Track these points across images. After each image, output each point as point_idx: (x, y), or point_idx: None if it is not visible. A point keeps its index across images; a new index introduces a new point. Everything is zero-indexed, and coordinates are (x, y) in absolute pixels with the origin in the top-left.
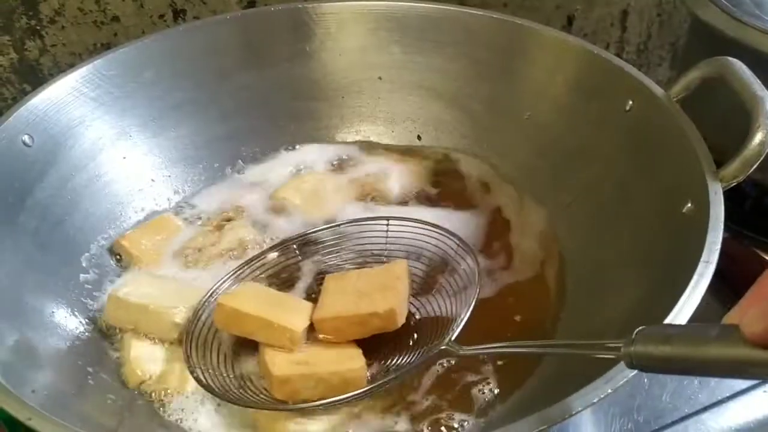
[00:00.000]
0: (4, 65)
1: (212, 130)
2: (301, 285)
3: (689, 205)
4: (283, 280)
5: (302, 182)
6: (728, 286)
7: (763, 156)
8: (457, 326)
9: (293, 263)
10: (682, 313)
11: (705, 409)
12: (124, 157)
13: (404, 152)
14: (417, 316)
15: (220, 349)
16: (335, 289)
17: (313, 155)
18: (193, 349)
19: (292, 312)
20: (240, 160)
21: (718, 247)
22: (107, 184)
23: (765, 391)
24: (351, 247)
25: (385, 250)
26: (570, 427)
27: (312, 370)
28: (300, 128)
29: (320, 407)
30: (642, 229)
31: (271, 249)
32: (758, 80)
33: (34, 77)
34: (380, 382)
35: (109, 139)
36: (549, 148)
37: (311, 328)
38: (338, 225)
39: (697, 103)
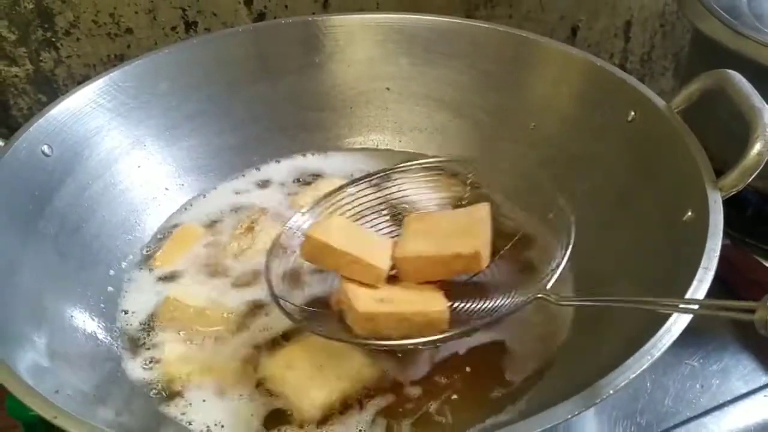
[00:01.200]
0: (20, 76)
1: (224, 139)
2: (380, 223)
3: (689, 213)
4: (360, 216)
5: (318, 191)
6: (729, 292)
7: (762, 165)
8: (553, 274)
9: (372, 200)
10: (682, 317)
11: (706, 412)
12: (139, 166)
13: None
14: (496, 263)
15: (300, 280)
16: (417, 229)
17: (320, 164)
18: (274, 281)
19: (376, 249)
20: (252, 168)
21: (717, 254)
22: (122, 193)
23: (766, 396)
24: (432, 187)
25: (466, 193)
26: (572, 429)
27: (396, 308)
28: (309, 137)
29: (408, 346)
30: (643, 237)
31: (350, 184)
32: (757, 92)
33: (49, 88)
34: (466, 328)
35: (125, 149)
36: (553, 157)
37: (390, 267)
38: (420, 163)
39: (698, 114)
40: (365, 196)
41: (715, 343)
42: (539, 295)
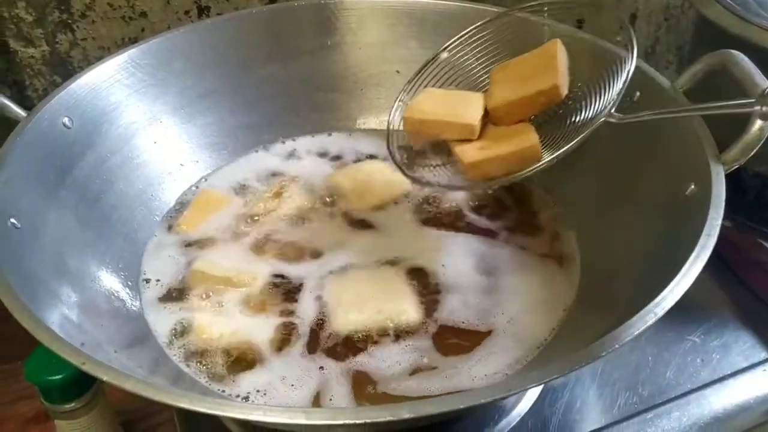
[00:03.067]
0: (36, 57)
1: (237, 118)
2: (471, 81)
3: (692, 187)
4: (454, 79)
5: (358, 171)
6: (731, 272)
7: (763, 140)
8: (617, 96)
9: (464, 63)
10: (686, 277)
11: (707, 385)
12: (155, 142)
13: None
14: (575, 95)
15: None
16: (501, 78)
17: (331, 144)
18: (396, 149)
19: (467, 107)
20: (262, 146)
21: (719, 222)
22: (139, 167)
23: (765, 370)
24: (505, 41)
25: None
26: (577, 400)
27: (495, 152)
28: (321, 118)
29: (506, 182)
30: (648, 211)
31: (443, 50)
32: (759, 71)
33: (64, 69)
34: (555, 154)
35: (142, 124)
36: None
37: (486, 115)
38: (490, 19)
39: (701, 96)
40: (459, 61)
41: (716, 319)
42: (603, 118)
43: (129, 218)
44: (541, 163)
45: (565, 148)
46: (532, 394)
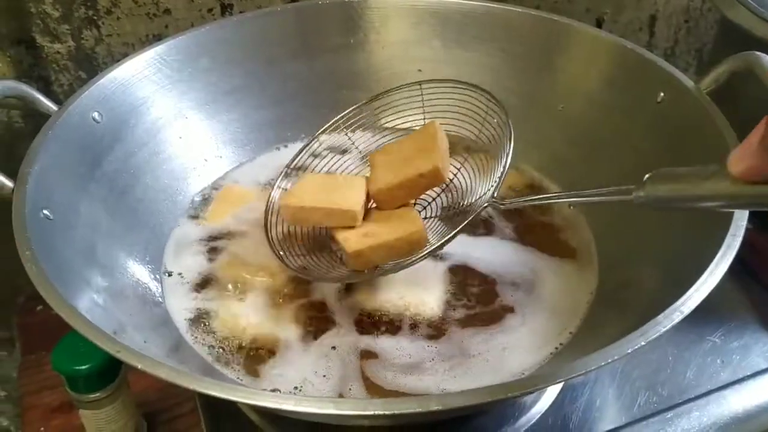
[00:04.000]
0: (62, 53)
1: (261, 115)
2: (351, 161)
3: None
4: (334, 161)
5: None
6: (750, 274)
7: None
8: (497, 182)
9: (342, 143)
10: (712, 276)
11: (727, 386)
12: (180, 137)
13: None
14: (459, 175)
15: (299, 235)
16: (382, 161)
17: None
18: (275, 240)
19: (348, 192)
20: (285, 143)
21: (744, 223)
22: (165, 161)
23: None
24: (389, 120)
25: (422, 115)
26: (597, 398)
27: (379, 240)
28: None
29: (393, 270)
30: (672, 213)
31: (322, 132)
32: None
33: (89, 65)
34: (443, 240)
35: (168, 120)
36: (581, 138)
37: (368, 199)
38: (376, 96)
39: (724, 97)
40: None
41: (736, 321)
42: (486, 204)
43: (155, 211)
44: (427, 249)
45: (453, 233)
46: (552, 393)
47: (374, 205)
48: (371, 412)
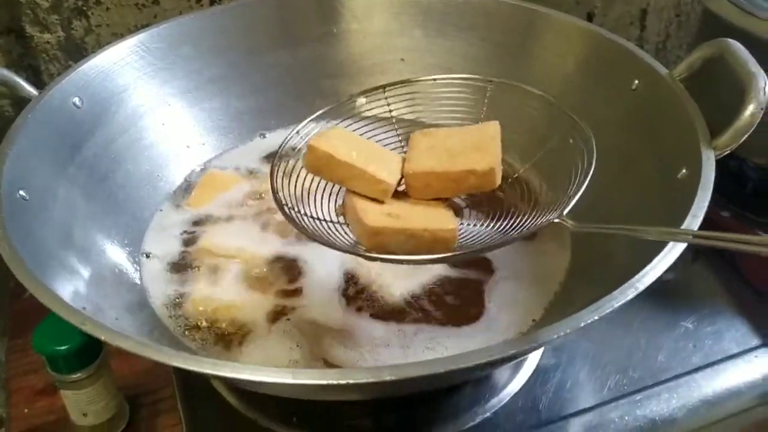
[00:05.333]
0: (52, 43)
1: (244, 103)
2: (388, 138)
3: (684, 171)
4: (369, 129)
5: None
6: (728, 262)
7: (754, 126)
8: (571, 199)
9: (382, 113)
10: (669, 255)
11: (697, 369)
12: (163, 124)
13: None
14: (506, 186)
15: (305, 189)
16: (425, 144)
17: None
18: (281, 188)
19: (384, 163)
20: (268, 131)
21: (705, 204)
22: (147, 148)
23: (756, 356)
24: (445, 104)
25: (482, 113)
26: (568, 381)
27: (405, 225)
28: (324, 104)
29: (410, 263)
30: (641, 197)
31: (361, 94)
32: (754, 59)
33: (79, 55)
34: (477, 248)
35: (150, 107)
36: (559, 124)
37: (398, 183)
38: (435, 78)
39: (698, 87)
40: (377, 108)
41: (711, 307)
42: (556, 220)
43: (136, 197)
44: (452, 253)
45: (487, 245)
46: (524, 375)
47: (403, 188)
48: (327, 382)
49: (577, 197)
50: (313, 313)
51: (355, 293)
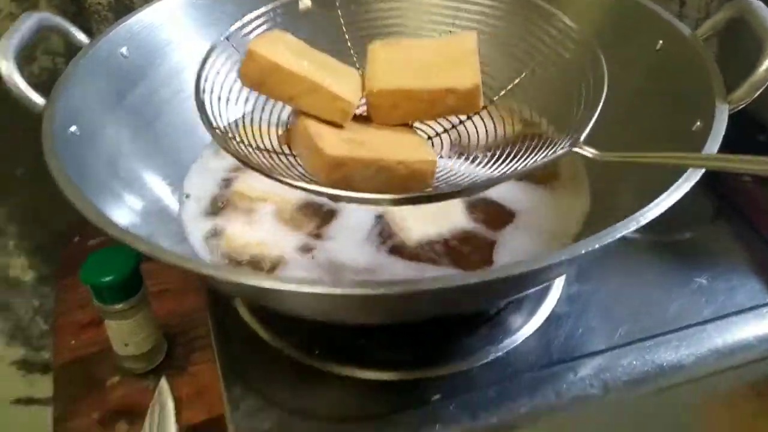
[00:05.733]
0: (103, 4)
1: None
2: (340, 49)
3: (698, 123)
4: (317, 39)
5: None
6: (747, 223)
7: None
8: (586, 124)
9: (331, 17)
10: (671, 196)
11: (708, 321)
12: None
13: None
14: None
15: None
16: (389, 58)
17: None
18: (215, 112)
19: (341, 78)
20: None
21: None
22: (185, 100)
23: None
24: (411, 15)
25: (453, 23)
26: (580, 327)
27: (374, 154)
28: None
29: (385, 202)
30: (656, 146)
31: None
32: None
33: None
34: (468, 185)
35: (191, 62)
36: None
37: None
38: None
39: (722, 45)
40: (326, 10)
41: (725, 266)
42: (575, 149)
43: (178, 143)
44: (431, 192)
45: (501, 176)
46: (538, 319)
47: (362, 111)
48: (339, 292)
49: (593, 120)
50: (339, 253)
51: (383, 238)
